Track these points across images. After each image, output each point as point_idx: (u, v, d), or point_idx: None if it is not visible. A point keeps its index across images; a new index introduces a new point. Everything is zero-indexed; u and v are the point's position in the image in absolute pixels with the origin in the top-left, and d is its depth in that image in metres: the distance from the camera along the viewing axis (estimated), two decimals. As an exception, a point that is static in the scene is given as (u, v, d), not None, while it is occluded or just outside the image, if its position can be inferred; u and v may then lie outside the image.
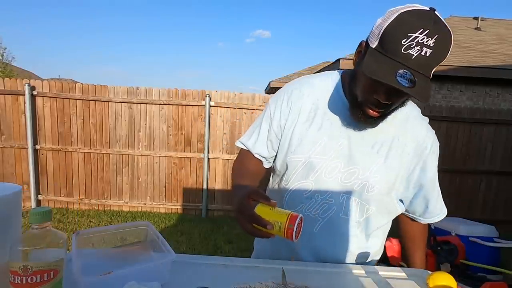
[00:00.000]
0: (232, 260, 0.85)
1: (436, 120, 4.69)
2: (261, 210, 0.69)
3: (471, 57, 6.21)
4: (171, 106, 4.59)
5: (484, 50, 6.68)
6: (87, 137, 4.60)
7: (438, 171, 0.92)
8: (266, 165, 0.99)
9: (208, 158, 4.67)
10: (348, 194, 0.86)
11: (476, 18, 8.50)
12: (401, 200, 0.94)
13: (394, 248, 2.32)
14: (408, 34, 0.64)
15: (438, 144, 0.92)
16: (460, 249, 2.50)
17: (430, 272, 0.75)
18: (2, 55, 14.58)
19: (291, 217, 0.66)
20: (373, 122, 0.80)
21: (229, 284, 0.70)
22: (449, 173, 4.72)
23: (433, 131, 0.92)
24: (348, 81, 0.84)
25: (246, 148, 0.96)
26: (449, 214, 1.01)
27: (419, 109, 0.93)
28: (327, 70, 1.05)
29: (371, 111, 0.77)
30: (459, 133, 4.77)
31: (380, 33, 0.69)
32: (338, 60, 5.76)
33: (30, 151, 4.46)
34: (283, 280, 0.72)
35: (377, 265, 0.97)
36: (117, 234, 0.81)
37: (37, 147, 4.52)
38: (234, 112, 4.65)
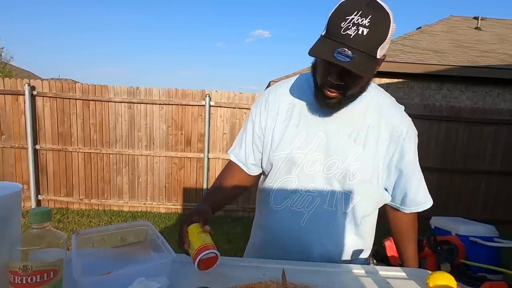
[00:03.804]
0: (232, 260, 0.85)
1: (436, 120, 4.70)
2: (192, 229, 0.77)
3: (471, 57, 6.21)
4: (171, 106, 4.59)
5: (484, 50, 6.68)
6: (87, 137, 4.60)
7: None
8: (256, 171, 1.01)
9: (208, 158, 4.67)
10: (331, 184, 0.89)
11: (476, 18, 8.50)
12: (386, 190, 0.95)
13: (394, 248, 2.31)
14: (346, 17, 0.70)
15: (415, 131, 0.93)
16: (460, 249, 2.50)
17: (430, 272, 0.75)
18: (1, 55, 14.53)
19: (202, 247, 0.73)
20: (334, 105, 0.84)
21: (229, 284, 0.70)
22: (449, 173, 4.67)
23: (409, 118, 0.93)
24: (312, 72, 0.88)
25: (238, 162, 0.99)
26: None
27: (393, 98, 0.96)
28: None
29: (328, 92, 0.81)
30: (459, 133, 4.77)
31: (326, 22, 0.76)
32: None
33: (30, 151, 4.46)
34: (283, 280, 0.72)
35: (377, 265, 0.97)
36: (117, 234, 0.82)
37: (37, 147, 4.53)
38: (234, 112, 4.65)
